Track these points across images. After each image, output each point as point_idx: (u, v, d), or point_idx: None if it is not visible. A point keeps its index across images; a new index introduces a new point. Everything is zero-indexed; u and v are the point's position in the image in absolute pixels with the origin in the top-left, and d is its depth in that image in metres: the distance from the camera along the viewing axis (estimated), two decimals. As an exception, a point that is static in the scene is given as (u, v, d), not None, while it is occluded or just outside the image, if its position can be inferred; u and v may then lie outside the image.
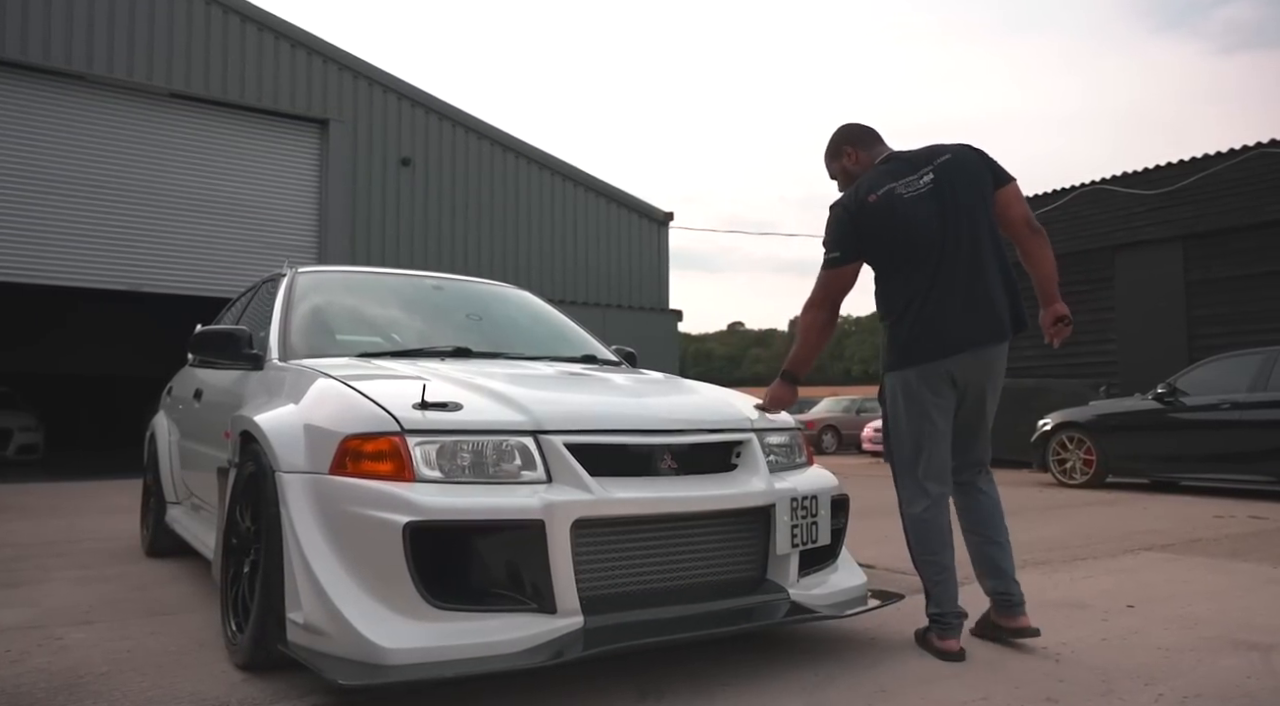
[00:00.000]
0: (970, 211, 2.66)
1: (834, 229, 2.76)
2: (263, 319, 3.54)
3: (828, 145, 2.95)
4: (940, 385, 2.66)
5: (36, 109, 11.36)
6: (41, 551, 4.90)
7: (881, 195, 2.68)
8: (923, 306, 2.65)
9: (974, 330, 2.63)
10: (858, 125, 2.92)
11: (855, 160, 2.87)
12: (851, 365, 69.11)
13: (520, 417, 2.30)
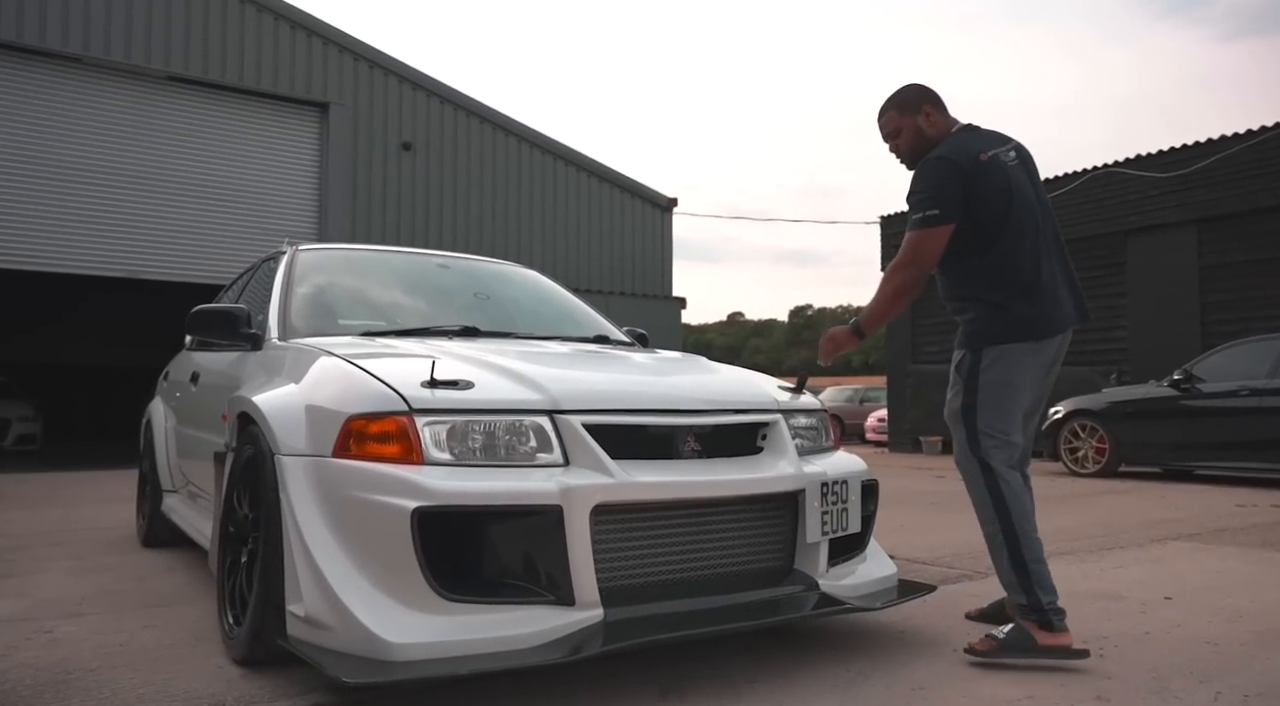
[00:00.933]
0: (1043, 193, 2.66)
1: (937, 183, 2.46)
2: (262, 298, 3.39)
3: (899, 99, 2.67)
4: (1048, 364, 2.57)
5: (32, 92, 11.17)
6: (36, 541, 4.76)
7: (990, 156, 2.50)
8: (1038, 279, 2.51)
9: (1073, 310, 2.59)
10: (932, 88, 2.69)
11: (932, 122, 2.62)
12: (853, 356, 68.93)
13: (536, 396, 2.15)
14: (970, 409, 2.54)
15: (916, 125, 2.62)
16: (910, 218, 2.51)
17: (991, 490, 2.46)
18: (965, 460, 2.55)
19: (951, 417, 2.62)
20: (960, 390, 2.57)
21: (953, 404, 2.61)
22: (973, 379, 2.55)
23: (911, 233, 2.51)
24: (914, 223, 2.50)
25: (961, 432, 2.56)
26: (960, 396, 2.57)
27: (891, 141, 2.68)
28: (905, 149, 2.65)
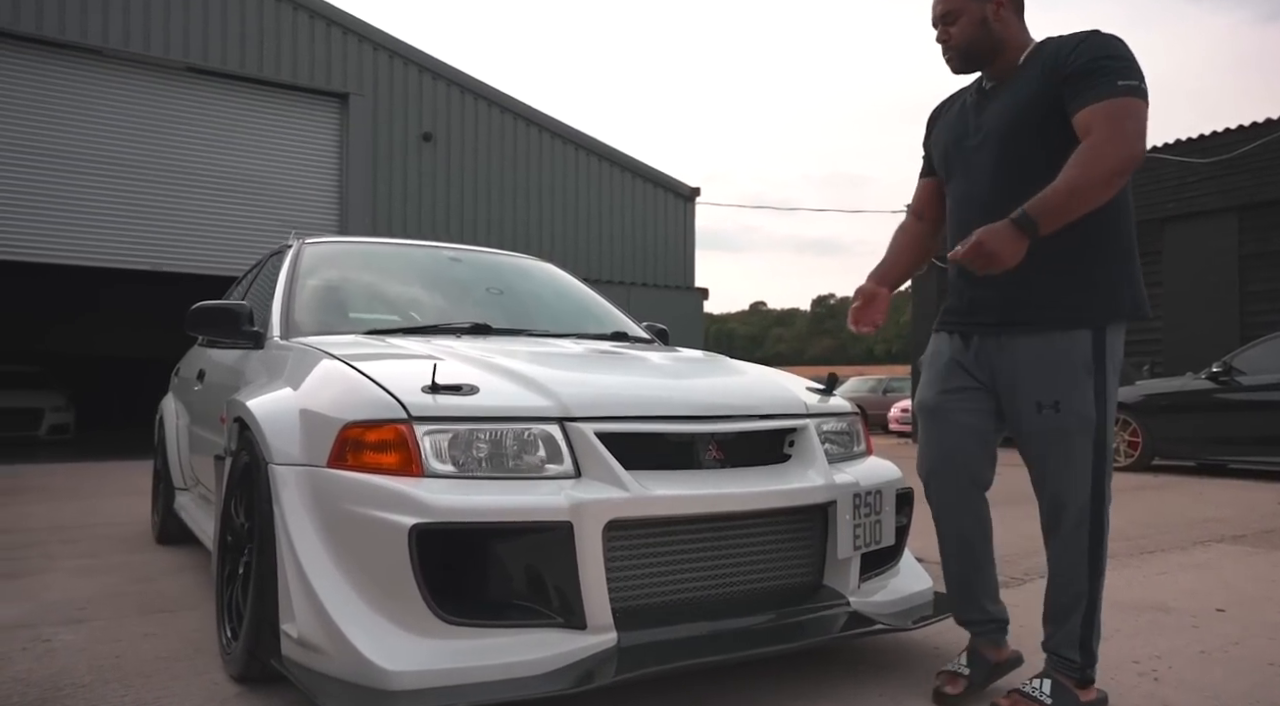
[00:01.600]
0: None
1: (1134, 58, 1.88)
2: (268, 294, 3.28)
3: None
4: None
5: (52, 84, 11.16)
6: (50, 537, 4.71)
7: None
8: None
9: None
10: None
11: (1000, 19, 2.01)
12: (875, 344, 67.82)
13: (544, 402, 2.00)
14: (1104, 421, 1.92)
15: (982, 14, 2.00)
16: (1114, 83, 1.81)
17: (1097, 542, 1.95)
18: (1084, 500, 1.93)
19: (1055, 434, 1.92)
20: (1082, 391, 1.90)
21: (1072, 411, 1.90)
22: (1101, 374, 1.92)
23: (1122, 100, 1.80)
24: (1126, 89, 1.81)
25: (1088, 457, 1.91)
26: (1087, 400, 1.90)
27: (942, 27, 2.05)
28: (958, 41, 2.02)
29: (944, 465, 2.12)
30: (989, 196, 1.98)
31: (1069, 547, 1.97)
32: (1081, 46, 1.91)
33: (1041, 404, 1.93)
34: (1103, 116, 1.81)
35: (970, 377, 2.09)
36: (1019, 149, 1.97)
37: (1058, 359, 1.93)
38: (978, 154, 2.04)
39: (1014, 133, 1.98)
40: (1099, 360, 1.92)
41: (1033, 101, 1.95)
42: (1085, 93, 1.85)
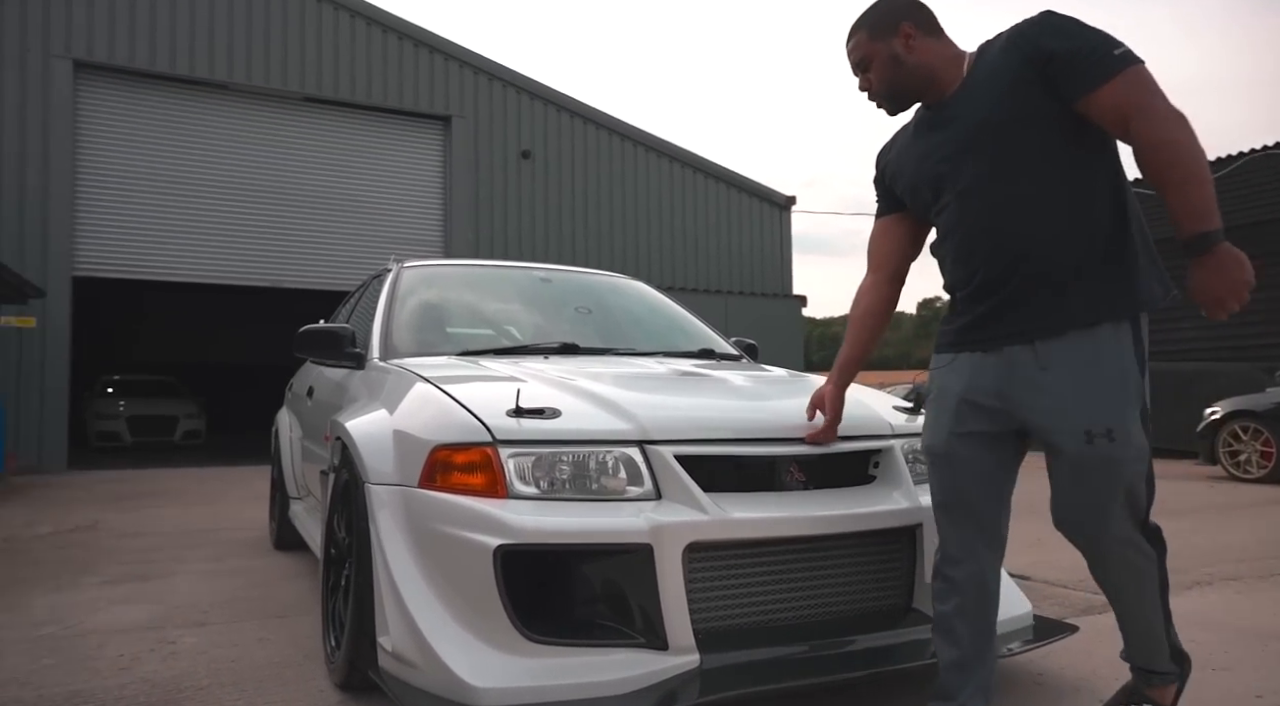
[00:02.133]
0: None
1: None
2: (369, 316, 3.44)
3: (870, 18, 1.94)
4: None
5: (185, 118, 12.00)
6: (179, 541, 5.05)
7: None
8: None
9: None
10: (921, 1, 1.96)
11: (912, 49, 1.89)
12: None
13: (625, 426, 2.03)
14: (1144, 422, 1.72)
15: (891, 52, 1.89)
16: (1110, 54, 1.67)
17: (1158, 560, 1.80)
18: (1134, 535, 1.75)
19: (1107, 466, 1.69)
20: (1117, 389, 1.69)
21: (1129, 441, 1.67)
22: (1138, 368, 1.72)
23: (1131, 70, 1.65)
24: (1124, 57, 1.67)
25: (1126, 468, 1.69)
26: (1125, 400, 1.68)
27: (861, 76, 1.96)
28: (880, 87, 1.92)
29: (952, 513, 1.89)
30: (991, 192, 1.79)
31: (1128, 571, 1.80)
32: (1046, 25, 1.74)
33: (1092, 433, 1.67)
34: (1126, 100, 1.65)
35: (988, 419, 1.82)
36: (1018, 149, 1.77)
37: (1106, 372, 1.70)
38: (963, 163, 1.82)
39: (1005, 131, 1.77)
40: (1140, 363, 1.72)
41: (1015, 90, 1.75)
42: (1084, 77, 1.68)
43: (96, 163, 11.44)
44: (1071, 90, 1.69)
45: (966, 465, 1.85)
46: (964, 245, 1.85)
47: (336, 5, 12.97)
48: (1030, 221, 1.74)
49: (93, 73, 11.45)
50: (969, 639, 1.82)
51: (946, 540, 1.88)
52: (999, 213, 1.77)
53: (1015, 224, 1.75)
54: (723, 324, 3.78)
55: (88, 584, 3.86)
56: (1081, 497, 1.74)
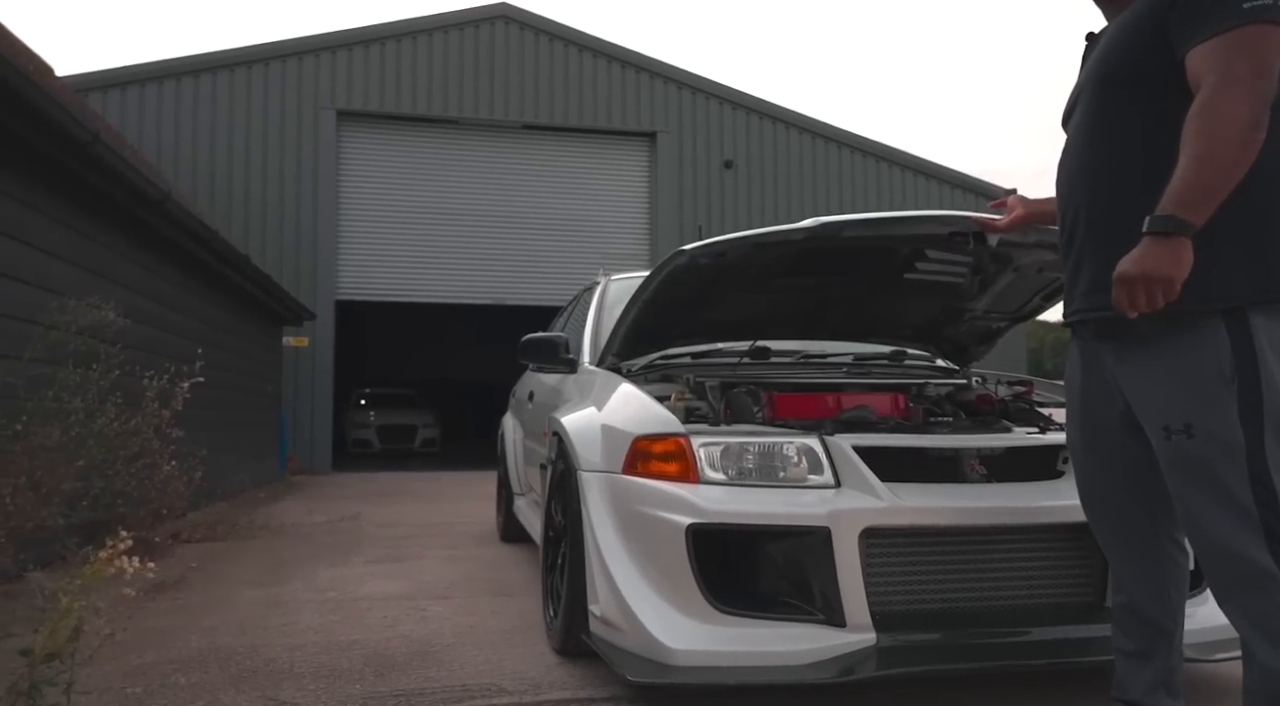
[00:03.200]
0: None
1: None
2: (581, 324, 3.80)
3: None
4: None
5: (421, 153, 13.40)
6: (424, 532, 5.73)
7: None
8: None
9: None
10: None
11: None
12: None
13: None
14: (1257, 444, 1.47)
15: None
16: (1237, 6, 1.45)
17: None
18: (1247, 548, 1.48)
19: (1191, 466, 1.52)
20: (1222, 409, 1.49)
21: (1210, 437, 1.49)
22: (1252, 379, 1.49)
23: (1240, 31, 1.44)
24: (1246, 13, 1.44)
25: (1239, 495, 1.48)
26: (1230, 420, 1.49)
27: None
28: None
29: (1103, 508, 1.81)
30: (1076, 169, 1.69)
31: (1258, 616, 1.49)
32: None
33: (1170, 428, 1.54)
34: (1214, 59, 1.44)
35: (1104, 409, 1.73)
36: (1107, 107, 1.61)
37: (1182, 364, 1.54)
38: (1072, 116, 1.74)
39: (1104, 85, 1.63)
40: (1245, 357, 1.49)
41: (1127, 41, 1.59)
42: (1196, 26, 1.47)
43: (353, 197, 13.04)
44: (1181, 40, 1.50)
45: (1099, 464, 1.79)
46: (1058, 202, 1.79)
47: (551, 35, 13.95)
48: (1100, 199, 1.62)
49: (351, 119, 13.08)
50: (1141, 633, 1.79)
51: (1101, 540, 1.86)
52: (1075, 183, 1.70)
53: (1086, 197, 1.65)
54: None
55: (356, 562, 4.52)
56: (1185, 508, 1.57)
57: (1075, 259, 1.71)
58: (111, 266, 5.10)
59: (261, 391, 9.81)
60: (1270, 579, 1.47)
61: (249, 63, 12.65)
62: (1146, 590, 1.79)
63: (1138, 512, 1.77)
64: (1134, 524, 1.77)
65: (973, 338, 3.21)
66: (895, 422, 2.40)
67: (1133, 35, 1.60)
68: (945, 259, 2.60)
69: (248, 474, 8.58)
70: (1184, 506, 1.58)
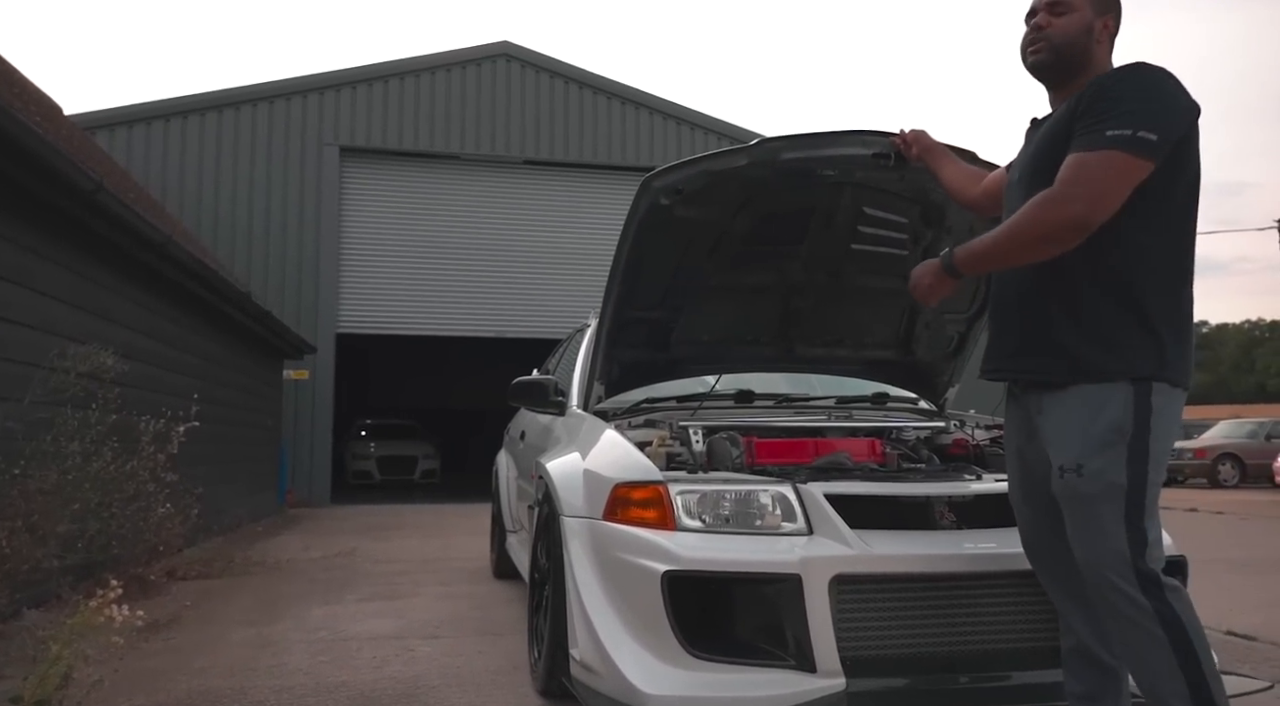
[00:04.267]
0: None
1: (1162, 100, 1.69)
2: (571, 367, 3.87)
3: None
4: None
5: (424, 188, 13.59)
6: (419, 568, 5.76)
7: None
8: (1192, 299, 1.83)
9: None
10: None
11: (1101, 40, 1.86)
12: (1267, 379, 56.32)
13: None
14: (1139, 487, 1.68)
15: (1088, 22, 1.83)
16: (1100, 133, 1.67)
17: (1169, 623, 1.63)
18: (1117, 579, 1.67)
19: (1078, 499, 1.72)
20: (1115, 451, 1.69)
21: (1096, 475, 1.69)
22: (1143, 431, 1.69)
23: (1098, 153, 1.66)
24: (1111, 140, 1.65)
25: (1112, 529, 1.67)
26: (1116, 462, 1.68)
27: (1045, 14, 1.85)
28: (1058, 36, 1.83)
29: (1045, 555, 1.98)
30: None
31: (1135, 644, 1.68)
32: (1104, 80, 1.74)
33: (1064, 468, 1.74)
34: (1067, 172, 1.69)
35: (1041, 455, 1.87)
36: (1035, 192, 1.79)
37: (1086, 416, 1.73)
38: (1012, 192, 1.95)
39: (1036, 173, 1.83)
40: (1141, 420, 1.69)
41: (1053, 139, 1.80)
42: (1076, 140, 1.71)
43: (355, 231, 13.20)
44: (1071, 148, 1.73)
45: (1036, 514, 1.94)
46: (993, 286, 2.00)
47: (552, 73, 14.19)
48: (1027, 279, 1.83)
49: (354, 155, 13.27)
50: (1089, 675, 1.88)
51: (1045, 586, 1.97)
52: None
53: (1016, 274, 1.86)
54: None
55: (349, 599, 4.56)
56: (1074, 540, 1.77)
57: (1001, 325, 1.96)
58: (113, 308, 5.20)
59: (261, 425, 9.87)
60: (1143, 612, 1.65)
61: (254, 101, 12.88)
62: (1092, 633, 1.89)
63: (1072, 564, 1.85)
64: (1073, 569, 1.84)
65: (939, 348, 3.29)
66: (869, 469, 2.46)
67: (1055, 138, 1.80)
68: (884, 219, 2.79)
69: (246, 508, 8.61)
70: (1072, 541, 1.78)
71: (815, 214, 2.77)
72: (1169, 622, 1.64)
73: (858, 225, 2.80)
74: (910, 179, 2.60)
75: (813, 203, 2.73)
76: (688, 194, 2.59)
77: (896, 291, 3.05)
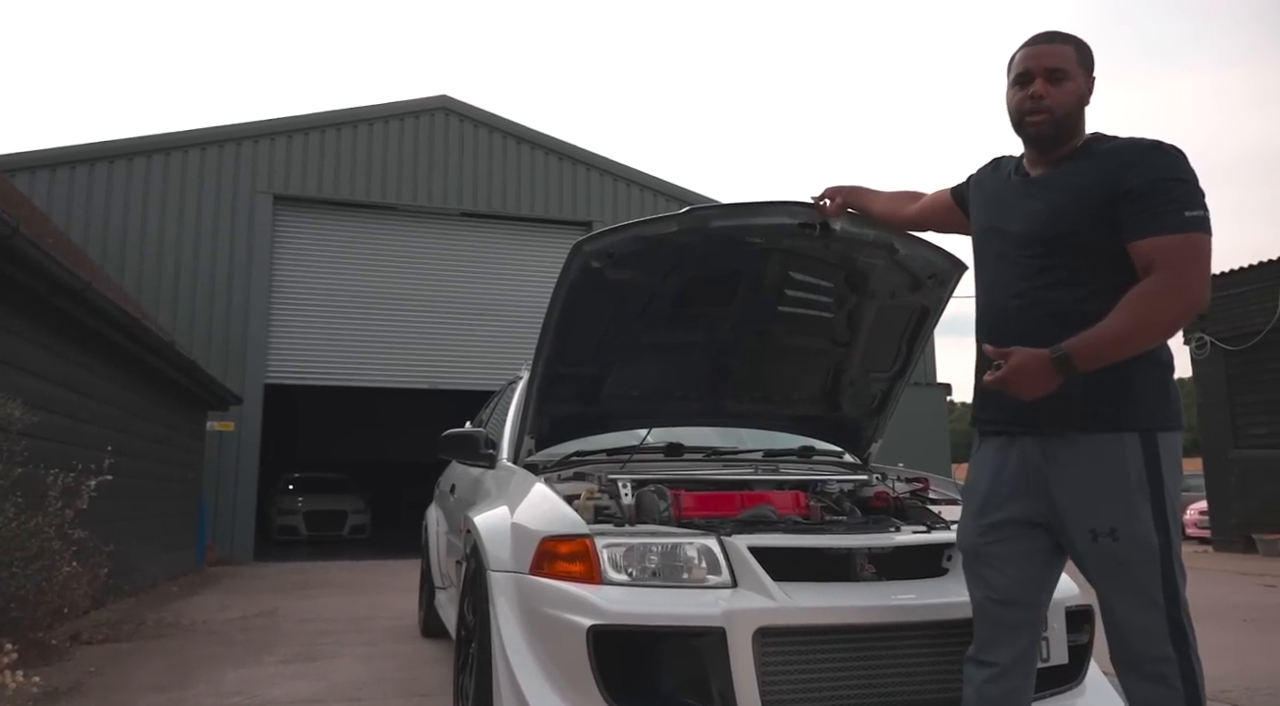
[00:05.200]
0: None
1: (1199, 181, 1.78)
2: (502, 419, 3.85)
3: (1082, 45, 1.92)
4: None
5: (360, 238, 13.47)
6: (343, 627, 5.57)
7: None
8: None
9: None
10: None
11: (1086, 101, 1.92)
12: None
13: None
14: (1169, 547, 1.74)
15: (1082, 90, 1.88)
16: (1179, 214, 1.72)
17: (1188, 680, 1.72)
18: (1163, 646, 1.73)
19: (1115, 566, 1.75)
20: (1140, 514, 1.74)
21: (1133, 539, 1.73)
22: (1159, 490, 1.75)
23: (1186, 236, 1.71)
24: (1190, 222, 1.71)
25: (1157, 591, 1.73)
26: (1146, 525, 1.73)
27: (1047, 84, 1.86)
28: (1060, 108, 1.86)
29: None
30: (1016, 296, 1.90)
31: (1149, 700, 1.74)
32: (1148, 159, 1.78)
33: (1097, 532, 1.76)
34: (1167, 257, 1.71)
35: (1011, 510, 1.89)
36: (1056, 254, 1.84)
37: (1107, 474, 1.76)
38: (1015, 247, 1.91)
39: (1056, 234, 1.85)
40: (1154, 472, 1.75)
41: (1082, 206, 1.81)
42: (1148, 220, 1.74)
43: (288, 280, 12.96)
44: (1130, 230, 1.76)
45: (997, 565, 1.91)
46: (981, 320, 1.99)
47: (490, 128, 14.32)
48: (1043, 330, 1.80)
49: (288, 204, 13.11)
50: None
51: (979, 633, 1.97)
52: (1012, 315, 1.89)
53: (1032, 325, 1.84)
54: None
55: (268, 662, 4.38)
56: (1107, 603, 1.79)
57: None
58: (24, 355, 5.00)
59: (180, 479, 9.50)
60: (1170, 665, 1.72)
61: (185, 147, 12.67)
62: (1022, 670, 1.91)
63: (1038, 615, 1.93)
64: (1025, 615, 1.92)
65: (863, 405, 3.34)
66: (793, 522, 2.50)
67: (1088, 204, 1.81)
68: (809, 283, 2.86)
69: (161, 566, 8.24)
70: (1104, 598, 1.81)
71: (743, 277, 2.84)
72: (1188, 679, 1.71)
73: (784, 289, 2.88)
74: (835, 247, 2.69)
75: (741, 267, 2.80)
76: (619, 258, 2.64)
77: (822, 351, 3.14)
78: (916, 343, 3.08)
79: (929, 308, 2.95)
